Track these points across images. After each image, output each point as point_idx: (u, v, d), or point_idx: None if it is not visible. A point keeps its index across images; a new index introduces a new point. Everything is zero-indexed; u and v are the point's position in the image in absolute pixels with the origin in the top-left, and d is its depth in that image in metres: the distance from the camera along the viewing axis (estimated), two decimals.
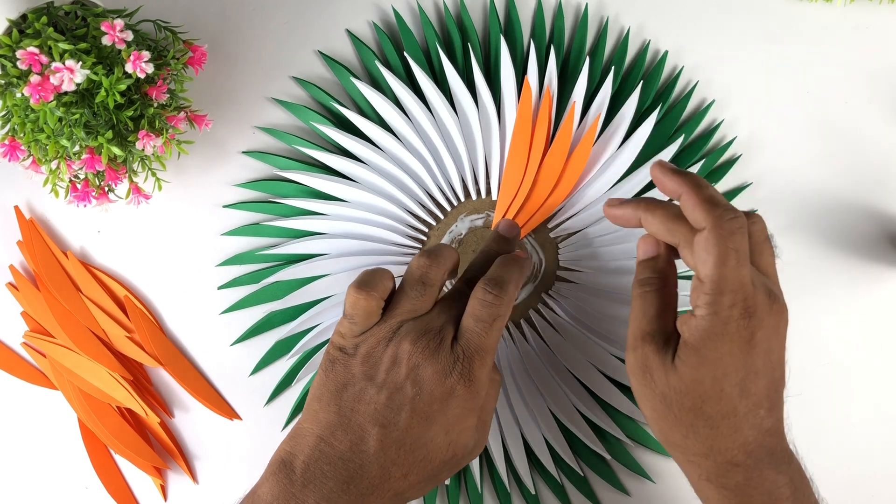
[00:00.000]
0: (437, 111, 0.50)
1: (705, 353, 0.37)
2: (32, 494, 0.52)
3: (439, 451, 0.40)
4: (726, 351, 0.37)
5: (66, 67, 0.39)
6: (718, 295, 0.36)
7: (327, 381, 0.40)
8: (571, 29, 0.52)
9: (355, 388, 0.39)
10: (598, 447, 0.49)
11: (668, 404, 0.38)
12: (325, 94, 0.51)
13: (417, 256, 0.42)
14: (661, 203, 0.40)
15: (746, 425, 0.38)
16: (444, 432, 0.39)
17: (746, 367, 0.37)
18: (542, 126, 0.49)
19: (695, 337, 0.37)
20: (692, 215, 0.37)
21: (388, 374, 0.39)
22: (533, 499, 0.50)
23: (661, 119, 0.51)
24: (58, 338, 0.51)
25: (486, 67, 0.51)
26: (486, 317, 0.40)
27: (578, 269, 0.51)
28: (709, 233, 0.36)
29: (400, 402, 0.39)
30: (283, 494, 0.38)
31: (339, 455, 0.38)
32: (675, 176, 0.39)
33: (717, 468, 0.39)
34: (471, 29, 0.51)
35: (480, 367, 0.40)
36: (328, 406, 0.39)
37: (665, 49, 0.52)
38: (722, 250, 0.36)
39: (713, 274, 0.36)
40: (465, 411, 0.40)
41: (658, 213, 0.39)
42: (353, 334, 0.41)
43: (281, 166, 0.51)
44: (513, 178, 0.50)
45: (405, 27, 0.51)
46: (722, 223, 0.36)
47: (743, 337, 0.37)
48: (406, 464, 0.39)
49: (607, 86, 0.50)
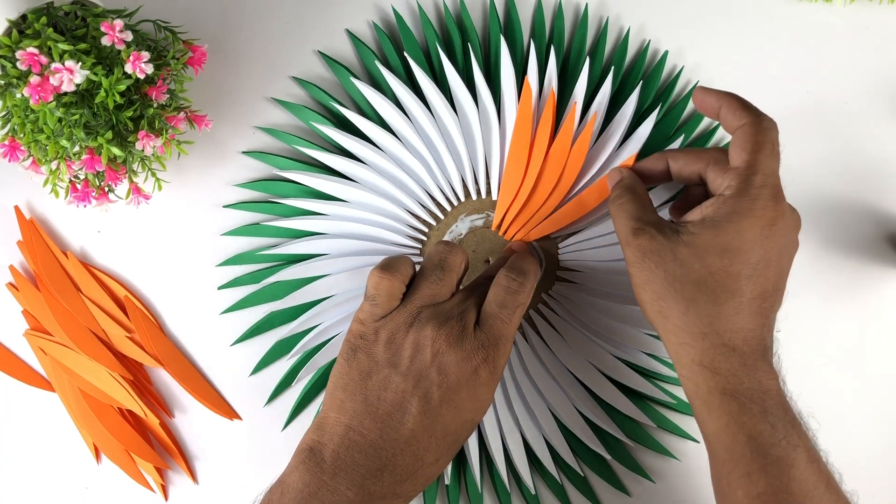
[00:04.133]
0: (437, 111, 0.50)
1: (725, 226, 0.38)
2: (32, 494, 0.52)
3: (466, 433, 0.40)
4: (747, 226, 0.38)
5: (66, 68, 0.39)
6: (752, 175, 0.38)
7: (350, 369, 0.40)
8: (571, 29, 0.52)
9: (380, 376, 0.39)
10: (599, 447, 0.49)
11: (670, 281, 0.39)
12: (324, 94, 0.51)
13: (436, 244, 0.43)
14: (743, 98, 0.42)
15: (748, 311, 0.38)
16: (471, 416, 0.40)
17: (762, 251, 0.38)
18: (544, 126, 0.49)
19: (720, 212, 0.39)
20: (734, 115, 0.40)
21: (413, 360, 0.39)
22: (533, 499, 0.50)
23: (661, 119, 0.51)
24: (58, 338, 0.51)
25: (487, 67, 0.51)
26: (509, 303, 0.41)
27: (578, 269, 0.51)
28: (749, 126, 0.39)
29: (427, 387, 0.39)
30: (315, 482, 0.38)
31: (370, 444, 0.38)
32: (714, 93, 0.42)
33: (713, 350, 0.39)
34: (471, 29, 0.51)
35: (504, 353, 0.40)
36: (354, 395, 0.39)
37: (665, 49, 0.52)
38: (760, 139, 0.39)
39: (750, 158, 0.39)
40: (488, 394, 0.40)
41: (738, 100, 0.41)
42: (374, 318, 0.41)
43: (281, 166, 0.51)
44: (513, 178, 0.50)
45: (405, 27, 0.51)
46: (762, 119, 0.40)
47: (767, 217, 0.38)
48: (438, 449, 0.39)
49: (607, 85, 0.50)
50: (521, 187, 0.50)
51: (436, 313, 0.40)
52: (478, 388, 0.40)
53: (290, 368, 0.51)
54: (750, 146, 0.39)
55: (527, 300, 0.42)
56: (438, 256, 0.42)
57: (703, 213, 0.40)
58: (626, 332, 0.50)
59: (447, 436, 0.39)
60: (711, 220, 0.39)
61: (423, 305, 0.41)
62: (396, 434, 0.38)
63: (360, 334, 0.41)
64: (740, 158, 0.39)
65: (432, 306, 0.41)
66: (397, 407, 0.39)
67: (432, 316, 0.40)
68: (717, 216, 0.39)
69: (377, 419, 0.39)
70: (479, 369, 0.39)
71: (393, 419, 0.39)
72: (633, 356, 0.50)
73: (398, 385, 0.39)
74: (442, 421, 0.39)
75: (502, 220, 0.50)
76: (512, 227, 0.50)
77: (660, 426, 0.50)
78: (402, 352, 0.40)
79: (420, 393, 0.39)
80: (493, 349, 0.40)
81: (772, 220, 0.38)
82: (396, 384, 0.39)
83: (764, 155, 0.39)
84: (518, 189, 0.50)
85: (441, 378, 0.39)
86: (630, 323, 0.50)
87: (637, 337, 0.50)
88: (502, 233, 0.51)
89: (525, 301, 0.42)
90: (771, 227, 0.38)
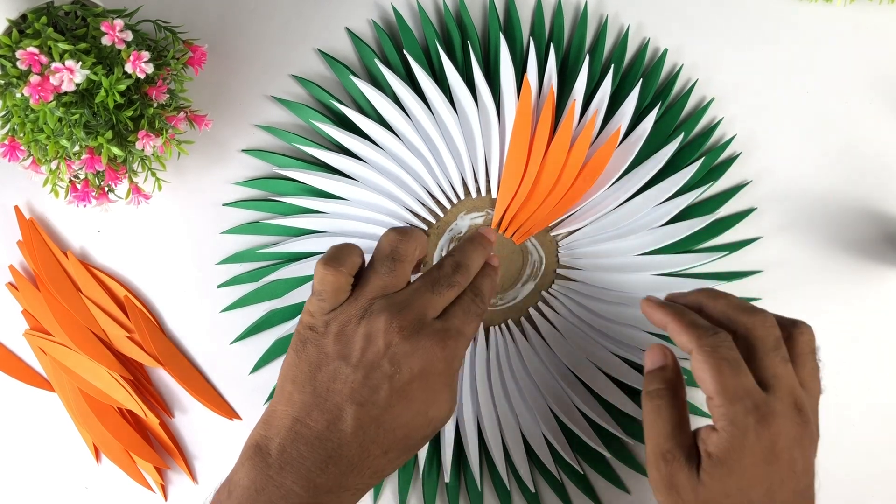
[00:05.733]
0: (436, 109, 0.50)
1: (730, 465, 0.37)
2: (33, 495, 0.52)
3: (420, 427, 0.39)
4: (749, 462, 0.37)
5: (66, 67, 0.39)
6: (729, 405, 0.37)
7: (300, 361, 0.39)
8: (571, 27, 0.52)
9: (329, 368, 0.39)
10: (598, 445, 0.50)
11: None
12: (324, 93, 0.51)
13: (386, 232, 0.42)
14: (688, 312, 0.41)
15: None
16: (426, 409, 0.39)
17: (771, 478, 0.37)
18: (544, 124, 0.49)
19: (719, 450, 0.37)
20: (679, 340, 0.40)
21: (364, 352, 0.38)
22: (533, 497, 0.50)
23: (660, 117, 0.51)
24: (58, 338, 0.51)
25: (486, 66, 0.51)
26: (472, 312, 0.41)
27: (578, 267, 0.51)
28: (696, 352, 0.38)
29: (377, 380, 0.38)
30: (260, 478, 0.37)
31: (316, 435, 0.38)
32: (659, 308, 0.41)
33: None
34: (470, 27, 0.51)
35: (462, 345, 0.40)
36: (303, 387, 0.39)
37: (665, 47, 0.52)
38: (713, 363, 0.37)
39: (715, 386, 0.37)
40: (442, 386, 0.40)
41: (682, 320, 0.40)
42: (322, 312, 0.40)
43: (281, 164, 0.51)
44: (513, 176, 0.50)
45: (405, 25, 0.51)
46: (704, 340, 0.38)
47: (764, 446, 0.37)
48: (386, 442, 0.38)
49: (607, 83, 0.50)
50: (520, 185, 0.50)
51: (389, 304, 0.39)
52: (431, 380, 0.39)
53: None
54: (708, 372, 0.37)
55: (485, 312, 0.42)
56: (389, 246, 0.41)
57: (709, 449, 0.38)
58: (625, 331, 0.50)
59: (397, 428, 0.38)
60: (717, 459, 0.38)
61: (374, 297, 0.40)
62: (343, 425, 0.38)
63: (310, 325, 0.40)
64: (708, 385, 0.38)
65: (384, 297, 0.40)
66: (346, 398, 0.38)
67: (385, 307, 0.39)
68: (719, 454, 0.37)
69: (325, 411, 0.38)
70: (434, 361, 0.39)
71: (341, 410, 0.38)
72: (632, 354, 0.50)
73: (348, 376, 0.38)
74: (392, 412, 0.38)
75: (502, 219, 0.50)
76: (511, 225, 0.50)
77: None
78: (352, 344, 0.39)
79: (371, 384, 0.38)
80: (451, 340, 0.39)
81: (769, 446, 0.37)
82: (346, 375, 0.38)
83: (726, 377, 0.37)
84: (518, 187, 0.50)
85: (393, 369, 0.38)
86: (629, 321, 0.50)
87: (636, 335, 0.50)
88: (502, 231, 0.51)
89: (484, 313, 0.42)
90: (772, 452, 0.37)
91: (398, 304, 0.39)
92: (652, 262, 0.50)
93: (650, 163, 0.50)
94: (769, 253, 0.51)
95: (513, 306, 0.51)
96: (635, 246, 0.50)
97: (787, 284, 0.51)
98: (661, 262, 0.50)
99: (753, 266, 0.51)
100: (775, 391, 0.38)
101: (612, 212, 0.50)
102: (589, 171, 0.49)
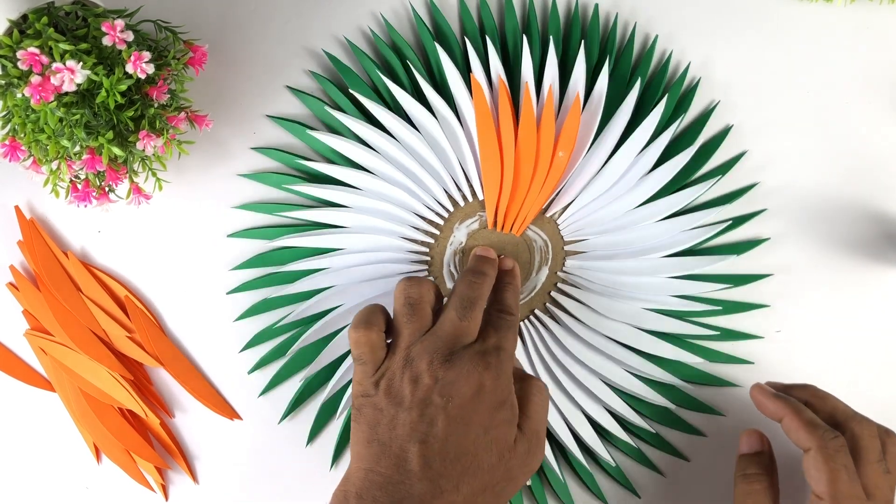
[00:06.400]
0: (399, 135, 0.50)
1: None
2: (33, 495, 0.52)
3: (485, 453, 0.39)
4: None
5: (67, 68, 0.39)
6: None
7: (360, 425, 0.40)
8: (499, 16, 0.51)
9: (387, 419, 0.40)
10: (662, 400, 0.51)
11: None
12: (297, 145, 0.51)
13: (397, 285, 0.43)
14: (804, 409, 0.44)
15: None
16: (484, 431, 0.39)
17: None
18: (505, 114, 0.49)
19: None
20: (795, 436, 0.43)
21: (414, 393, 0.39)
22: (616, 470, 0.51)
23: (613, 68, 0.51)
24: (58, 338, 0.51)
25: (433, 78, 0.51)
26: (503, 327, 0.42)
27: (583, 237, 0.51)
28: (815, 453, 0.41)
29: (432, 414, 0.39)
30: None
31: (387, 479, 0.38)
32: (775, 400, 0.45)
33: None
34: (404, 46, 0.51)
35: (506, 359, 0.41)
36: (369, 444, 0.40)
37: (655, 34, 0.52)
38: (832, 468, 0.41)
39: (829, 490, 0.41)
40: (497, 402, 0.40)
41: (801, 418, 0.43)
42: (367, 375, 0.41)
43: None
44: (493, 173, 0.50)
45: (343, 67, 0.51)
46: (826, 443, 0.42)
47: None
48: (454, 475, 0.39)
49: (551, 56, 0.50)
50: (502, 179, 0.50)
51: (425, 345, 0.40)
52: (484, 400, 0.39)
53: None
54: (825, 476, 0.41)
55: (512, 301, 0.43)
56: (402, 295, 0.42)
57: None
58: (646, 283, 0.50)
59: (461, 457, 0.39)
60: None
61: (409, 345, 0.41)
62: (409, 465, 0.38)
63: (361, 393, 0.41)
64: (820, 486, 0.41)
65: (418, 341, 0.41)
66: (407, 438, 0.39)
67: (423, 349, 0.40)
68: None
69: (391, 456, 0.39)
70: (481, 378, 0.39)
71: (404, 451, 0.39)
72: (662, 302, 0.51)
73: (405, 419, 0.39)
74: (452, 441, 0.39)
75: (496, 216, 0.51)
76: (507, 220, 0.51)
77: (712, 361, 0.51)
78: (402, 391, 0.40)
79: (426, 419, 0.39)
80: (493, 358, 0.40)
81: None
82: (403, 419, 0.39)
83: (842, 483, 0.41)
84: (501, 181, 0.50)
85: (445, 400, 0.39)
86: (647, 273, 0.50)
87: (659, 284, 0.50)
88: (500, 228, 0.51)
89: (516, 325, 0.43)
90: None
91: (433, 341, 0.40)
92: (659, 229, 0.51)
93: (620, 115, 0.50)
94: (769, 253, 0.51)
95: (535, 296, 0.52)
96: (632, 200, 0.50)
97: (787, 284, 0.51)
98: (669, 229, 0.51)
99: (753, 266, 0.51)
100: (876, 500, 0.42)
101: (599, 174, 0.50)
102: (564, 143, 0.49)
